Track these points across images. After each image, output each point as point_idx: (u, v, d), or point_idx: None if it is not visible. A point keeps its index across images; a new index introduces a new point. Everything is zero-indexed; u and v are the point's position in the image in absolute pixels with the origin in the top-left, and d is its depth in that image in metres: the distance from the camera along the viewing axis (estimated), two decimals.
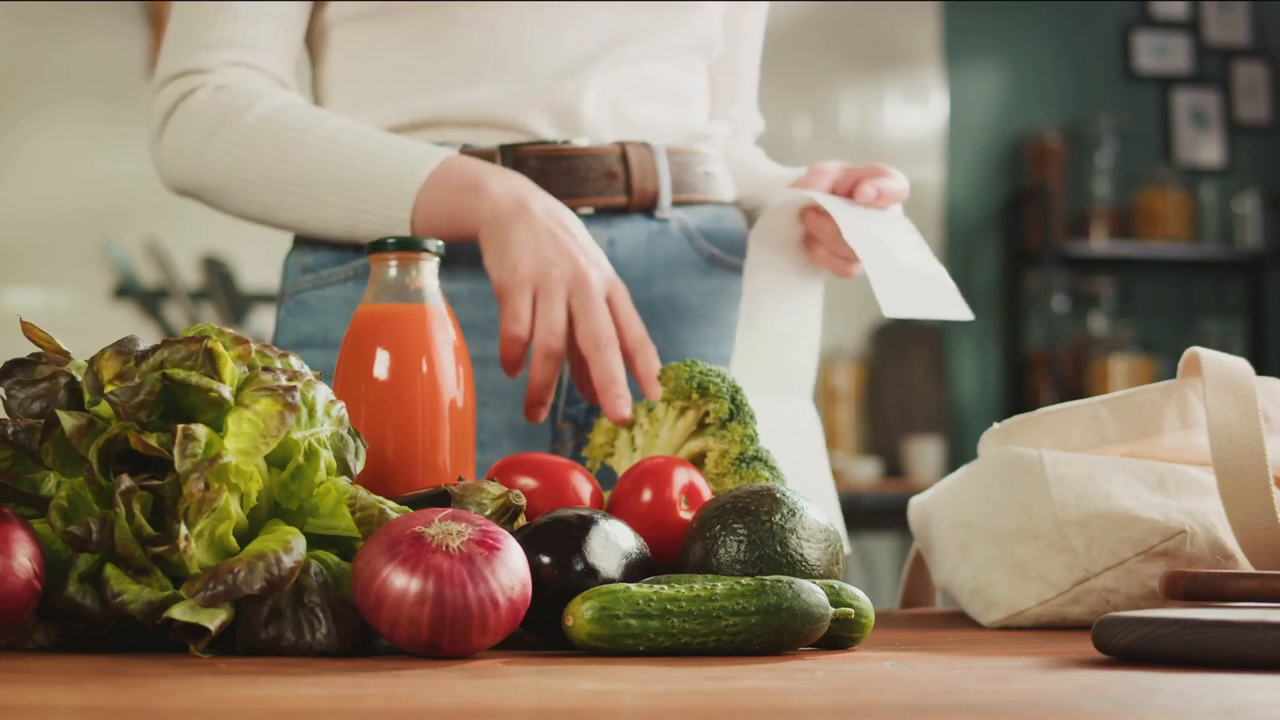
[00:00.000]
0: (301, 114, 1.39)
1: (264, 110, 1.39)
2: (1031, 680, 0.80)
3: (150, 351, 0.91)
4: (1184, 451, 1.18)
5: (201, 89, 1.41)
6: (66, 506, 0.88)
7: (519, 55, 1.43)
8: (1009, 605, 1.14)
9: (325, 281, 1.45)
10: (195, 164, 1.41)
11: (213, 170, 1.40)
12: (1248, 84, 5.38)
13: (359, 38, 1.46)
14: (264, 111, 1.39)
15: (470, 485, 0.98)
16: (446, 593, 0.83)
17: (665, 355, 1.46)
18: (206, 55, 1.42)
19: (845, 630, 0.95)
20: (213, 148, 1.39)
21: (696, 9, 1.51)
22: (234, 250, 4.58)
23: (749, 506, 0.99)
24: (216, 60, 1.42)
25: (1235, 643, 0.82)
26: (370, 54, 1.46)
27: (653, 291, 1.46)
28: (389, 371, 1.14)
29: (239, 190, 1.40)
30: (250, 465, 0.89)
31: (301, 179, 1.37)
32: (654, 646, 0.87)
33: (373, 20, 1.45)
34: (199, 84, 1.42)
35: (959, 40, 5.24)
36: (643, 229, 1.47)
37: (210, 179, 1.41)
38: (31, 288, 4.59)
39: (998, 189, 5.21)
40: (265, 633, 0.87)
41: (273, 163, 1.37)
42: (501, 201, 1.31)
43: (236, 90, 1.40)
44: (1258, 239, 5.24)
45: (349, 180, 1.36)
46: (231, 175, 1.39)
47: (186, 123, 1.41)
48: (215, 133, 1.39)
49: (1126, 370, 4.98)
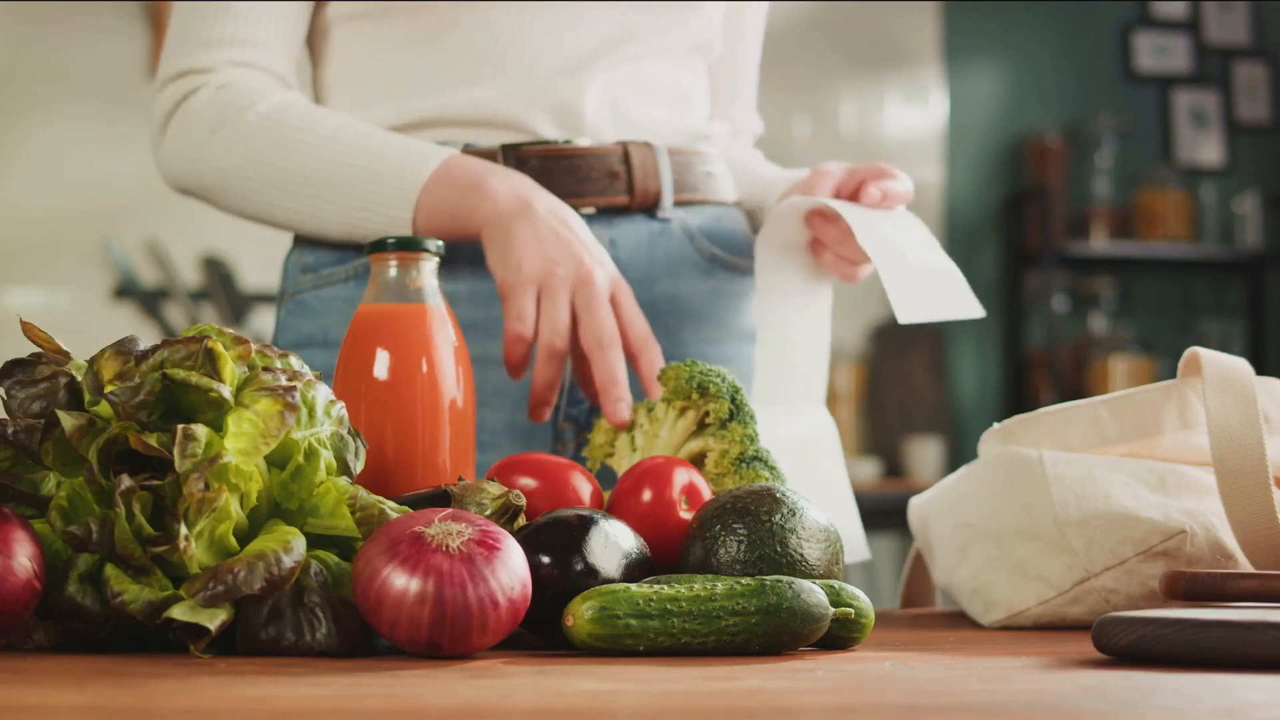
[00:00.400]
0: (303, 112, 1.39)
1: (265, 109, 1.39)
2: (1031, 680, 0.80)
3: (150, 351, 0.91)
4: (1184, 451, 1.18)
5: (204, 88, 1.42)
6: (66, 506, 0.88)
7: (519, 55, 1.43)
8: (1009, 605, 1.14)
9: (326, 281, 1.45)
10: (197, 162, 1.41)
11: (214, 168, 1.40)
12: (1248, 84, 5.38)
13: (359, 37, 1.46)
14: (265, 110, 1.39)
15: (470, 485, 0.98)
16: (446, 593, 0.83)
17: (667, 355, 1.46)
18: (208, 54, 1.42)
19: (845, 630, 0.95)
20: (214, 146, 1.40)
21: (696, 9, 1.51)
22: (234, 250, 4.58)
23: (749, 506, 0.99)
24: (218, 59, 1.42)
25: (1235, 643, 0.82)
26: (371, 53, 1.46)
27: (654, 291, 1.46)
28: (389, 371, 1.14)
29: (240, 188, 1.40)
30: (250, 465, 0.89)
31: (302, 177, 1.37)
32: (654, 646, 0.87)
33: (373, 20, 1.45)
34: (201, 83, 1.42)
35: (959, 40, 5.24)
36: (644, 229, 1.47)
37: (212, 177, 1.41)
38: (31, 288, 4.59)
39: (998, 189, 5.21)
40: (265, 633, 0.87)
41: (274, 160, 1.38)
42: (504, 201, 1.31)
43: (238, 89, 1.41)
44: (1258, 239, 5.24)
45: (350, 179, 1.35)
46: (232, 173, 1.39)
47: (188, 122, 1.42)
48: (216, 131, 1.39)
49: (1126, 370, 4.98)
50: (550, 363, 1.26)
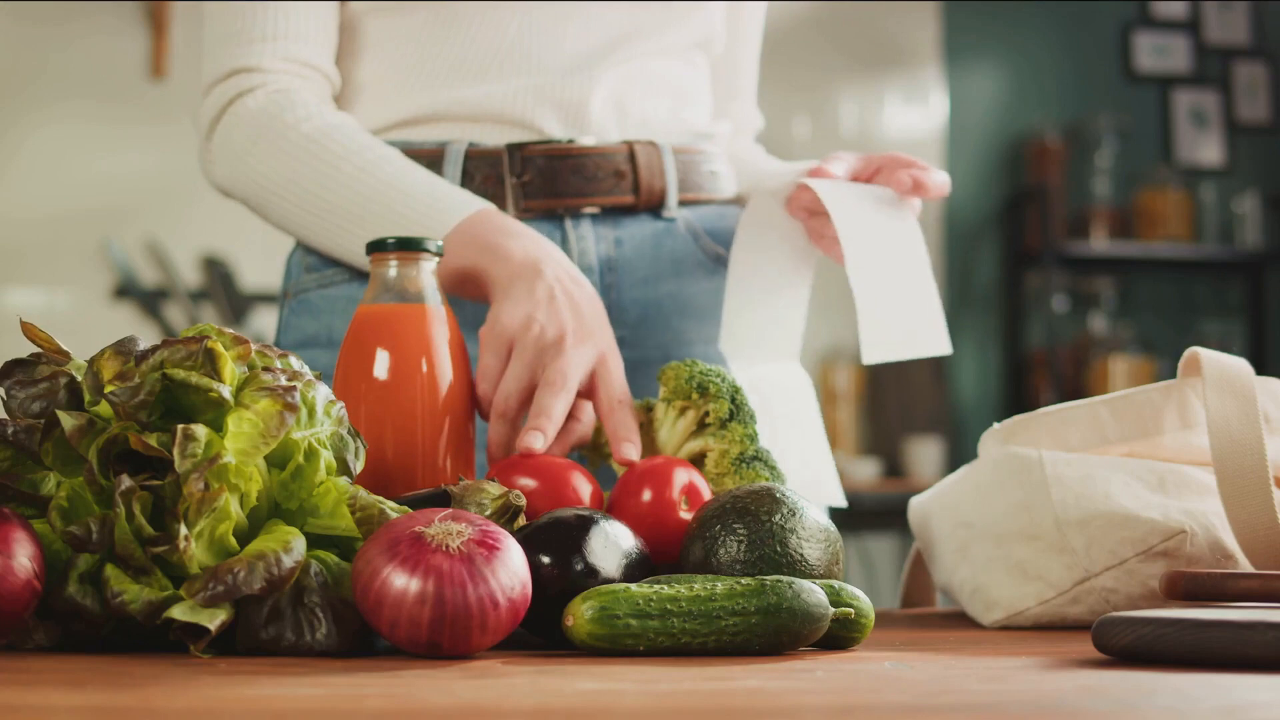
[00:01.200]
0: (345, 139, 1.37)
1: (310, 129, 1.36)
2: (1031, 680, 0.80)
3: (150, 351, 0.91)
4: (1184, 451, 1.18)
5: (259, 89, 1.39)
6: (66, 507, 0.88)
7: (526, 52, 1.43)
8: (1009, 605, 1.14)
9: (330, 280, 1.44)
10: (237, 169, 1.40)
11: (251, 179, 1.39)
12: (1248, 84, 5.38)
13: (367, 34, 1.45)
14: (309, 131, 1.36)
15: (470, 485, 0.98)
16: (446, 593, 0.84)
17: (671, 354, 1.46)
18: (255, 51, 1.40)
19: (845, 630, 0.95)
20: (253, 155, 1.38)
21: (699, 6, 1.51)
22: (234, 250, 4.58)
23: (749, 506, 0.99)
24: (267, 55, 1.40)
25: (1235, 643, 0.83)
26: (379, 49, 1.45)
27: (659, 290, 1.47)
28: (389, 371, 1.14)
29: (276, 204, 1.38)
30: (250, 465, 0.89)
31: (331, 206, 1.35)
32: (654, 646, 0.87)
33: (381, 16, 1.44)
34: (256, 84, 1.39)
35: (959, 40, 5.24)
36: (649, 228, 1.47)
37: (250, 188, 1.39)
38: (32, 288, 4.59)
39: (998, 189, 5.21)
40: (265, 633, 0.87)
41: (305, 184, 1.36)
42: (516, 263, 1.26)
43: (292, 100, 1.38)
44: (1257, 239, 5.24)
45: (376, 216, 1.33)
46: (267, 188, 1.38)
47: (234, 126, 1.40)
48: (257, 142, 1.37)
49: (1126, 370, 4.98)
50: (498, 423, 1.21)
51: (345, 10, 1.46)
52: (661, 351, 1.46)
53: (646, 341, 1.46)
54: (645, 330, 1.46)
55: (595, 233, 1.44)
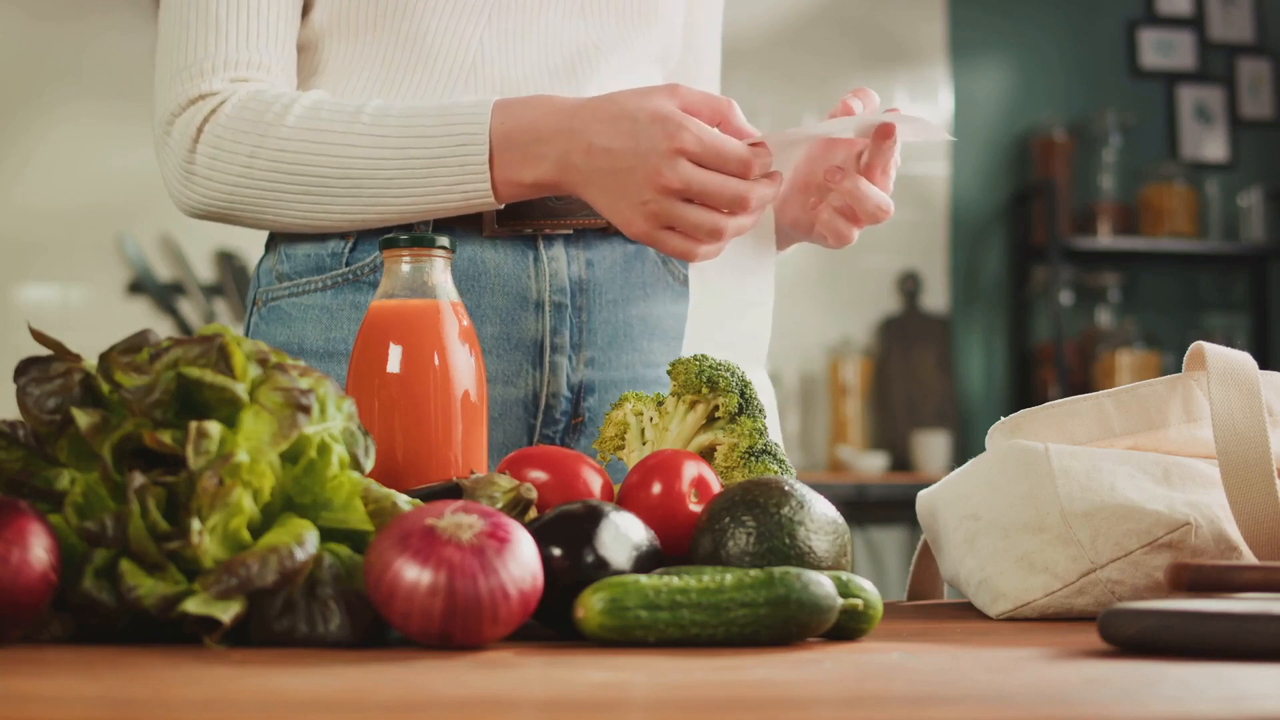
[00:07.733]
0: (333, 110, 1.35)
1: (295, 118, 1.35)
2: (1037, 671, 0.81)
3: (165, 349, 0.91)
4: (1189, 444, 1.19)
5: (226, 103, 1.36)
6: (81, 502, 0.88)
7: (489, 68, 1.42)
8: (1015, 596, 1.15)
9: (302, 289, 1.43)
10: (237, 187, 1.37)
11: (256, 189, 1.36)
12: (1252, 80, 5.38)
13: (327, 54, 1.43)
14: (295, 119, 1.35)
15: (481, 478, 0.99)
16: (458, 584, 0.84)
17: (639, 375, 1.47)
18: (209, 80, 1.37)
19: (853, 621, 0.95)
20: (256, 168, 1.35)
21: (660, 17, 1.51)
22: (247, 245, 4.59)
23: (758, 499, 0.99)
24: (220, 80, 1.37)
25: (1239, 634, 0.83)
26: (340, 70, 1.43)
27: (629, 312, 1.47)
28: (402, 366, 1.15)
29: (283, 203, 1.36)
30: (263, 463, 0.89)
31: (357, 177, 1.34)
32: (664, 637, 0.88)
33: (342, 36, 1.42)
34: (218, 103, 1.37)
35: (965, 36, 5.23)
36: (620, 251, 1.47)
37: (251, 196, 1.36)
38: (47, 283, 4.60)
39: (1004, 184, 5.20)
40: (279, 624, 0.88)
41: (320, 169, 1.34)
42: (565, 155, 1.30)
43: (263, 100, 1.36)
44: (1262, 234, 5.23)
45: (413, 170, 1.33)
46: (278, 189, 1.36)
47: (220, 144, 1.36)
48: (255, 154, 1.35)
49: (1132, 364, 4.98)
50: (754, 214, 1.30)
51: (304, 30, 1.44)
52: (630, 372, 1.47)
53: (615, 362, 1.47)
54: (614, 351, 1.47)
55: (567, 254, 1.44)
